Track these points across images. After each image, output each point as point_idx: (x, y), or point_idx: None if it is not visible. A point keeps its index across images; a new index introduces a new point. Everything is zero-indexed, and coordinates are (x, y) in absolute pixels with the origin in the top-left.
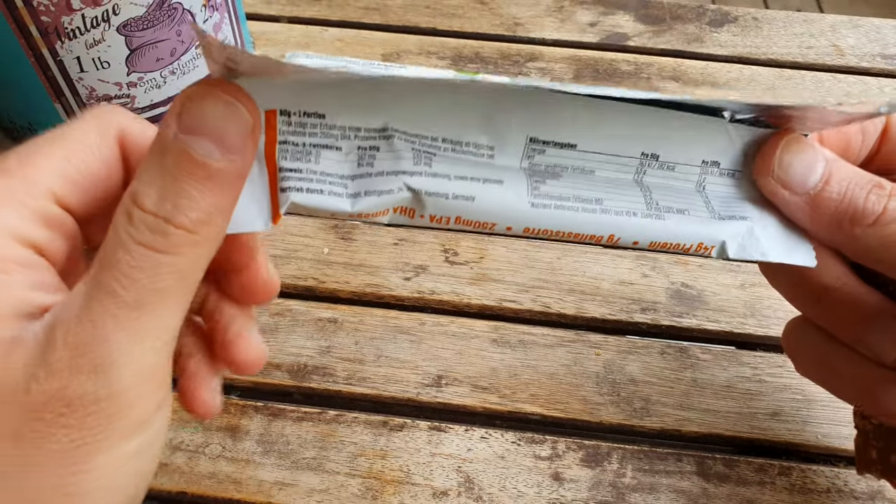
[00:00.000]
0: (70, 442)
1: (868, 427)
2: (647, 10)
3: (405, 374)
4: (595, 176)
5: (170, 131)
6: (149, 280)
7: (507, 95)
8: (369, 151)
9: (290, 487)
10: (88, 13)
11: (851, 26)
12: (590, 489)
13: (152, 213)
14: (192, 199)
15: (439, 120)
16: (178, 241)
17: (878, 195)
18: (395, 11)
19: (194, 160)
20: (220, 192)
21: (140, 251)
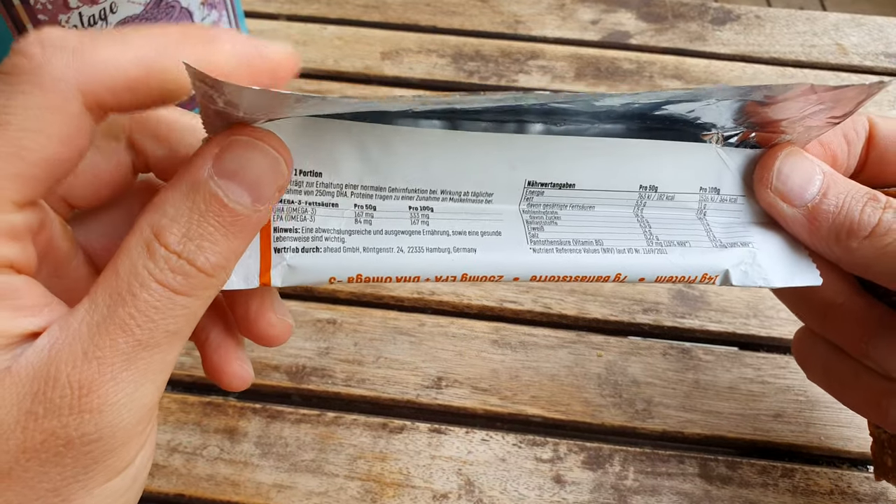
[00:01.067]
0: (61, 480)
1: (883, 436)
2: (650, 7)
3: (405, 375)
4: (595, 212)
5: (204, 171)
6: (164, 321)
7: (505, 144)
8: (366, 210)
9: (289, 490)
10: (86, 11)
11: (854, 25)
12: (591, 492)
13: (175, 253)
14: (215, 243)
15: (436, 171)
16: (196, 283)
17: (873, 207)
18: (394, 9)
19: (225, 205)
20: (239, 238)
21: (159, 290)
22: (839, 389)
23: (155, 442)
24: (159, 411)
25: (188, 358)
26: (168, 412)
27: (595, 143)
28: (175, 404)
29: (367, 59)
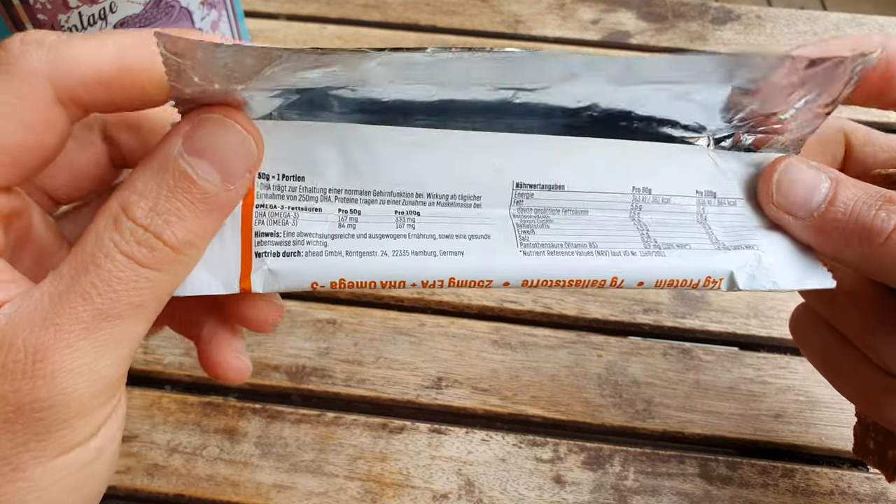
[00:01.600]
0: (11, 448)
1: (869, 420)
2: (650, 7)
3: (405, 375)
4: (588, 216)
5: (174, 148)
6: (126, 292)
7: (489, 143)
8: (350, 214)
9: (289, 490)
10: (85, 11)
11: (855, 24)
12: (592, 492)
13: (142, 226)
14: (183, 219)
15: (422, 174)
16: (162, 257)
17: (888, 211)
18: (394, 9)
19: (194, 181)
20: (209, 217)
21: (123, 261)
22: (835, 376)
23: (123, 419)
24: (158, 411)
25: (188, 358)
26: (168, 412)
27: (582, 142)
28: (175, 404)
29: None
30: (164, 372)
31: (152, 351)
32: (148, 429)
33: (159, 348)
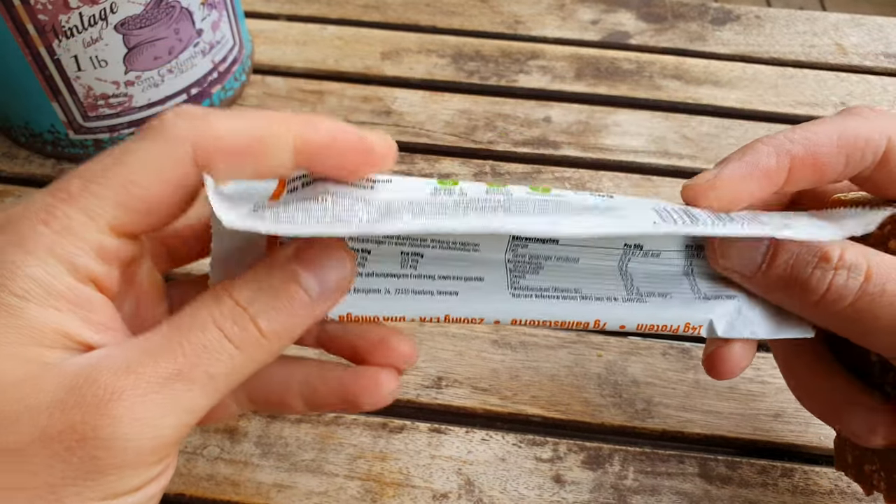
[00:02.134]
0: (62, 478)
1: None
2: (649, 8)
3: (405, 375)
4: (578, 264)
5: (286, 253)
6: (208, 361)
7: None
8: (361, 253)
9: (289, 489)
10: (86, 11)
11: (854, 25)
12: (591, 491)
13: (242, 307)
14: (279, 313)
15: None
16: (249, 339)
17: (823, 270)
18: (394, 9)
19: (298, 284)
20: (299, 320)
21: (214, 333)
22: (801, 391)
23: (166, 484)
24: None
25: None
26: None
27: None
28: None
29: (367, 59)
30: None
31: None
32: None
33: None
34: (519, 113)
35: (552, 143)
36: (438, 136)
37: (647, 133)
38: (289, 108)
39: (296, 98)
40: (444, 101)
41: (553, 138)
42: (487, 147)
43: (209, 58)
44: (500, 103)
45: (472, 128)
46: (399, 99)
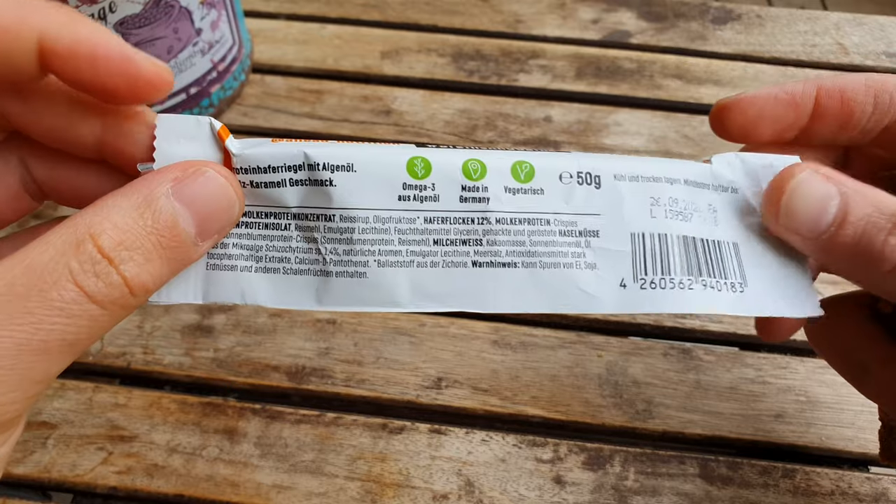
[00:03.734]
0: None
1: (894, 423)
2: (650, 7)
3: (405, 375)
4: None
5: (162, 188)
6: (65, 327)
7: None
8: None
9: (289, 490)
10: (85, 10)
11: (856, 24)
12: (592, 492)
13: (107, 257)
14: (150, 262)
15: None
16: (115, 296)
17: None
18: (394, 8)
19: (174, 227)
20: (170, 267)
21: (73, 293)
22: (858, 375)
23: (7, 455)
24: (158, 411)
25: (187, 358)
26: (167, 412)
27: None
28: (174, 405)
29: (366, 59)
30: (164, 372)
31: (152, 351)
32: (147, 429)
33: (159, 348)
34: (519, 112)
35: (553, 143)
36: (439, 135)
37: (648, 133)
38: (288, 108)
39: (295, 97)
40: (444, 100)
41: (553, 138)
42: (488, 146)
43: (208, 57)
44: (500, 103)
45: (473, 127)
46: (399, 98)
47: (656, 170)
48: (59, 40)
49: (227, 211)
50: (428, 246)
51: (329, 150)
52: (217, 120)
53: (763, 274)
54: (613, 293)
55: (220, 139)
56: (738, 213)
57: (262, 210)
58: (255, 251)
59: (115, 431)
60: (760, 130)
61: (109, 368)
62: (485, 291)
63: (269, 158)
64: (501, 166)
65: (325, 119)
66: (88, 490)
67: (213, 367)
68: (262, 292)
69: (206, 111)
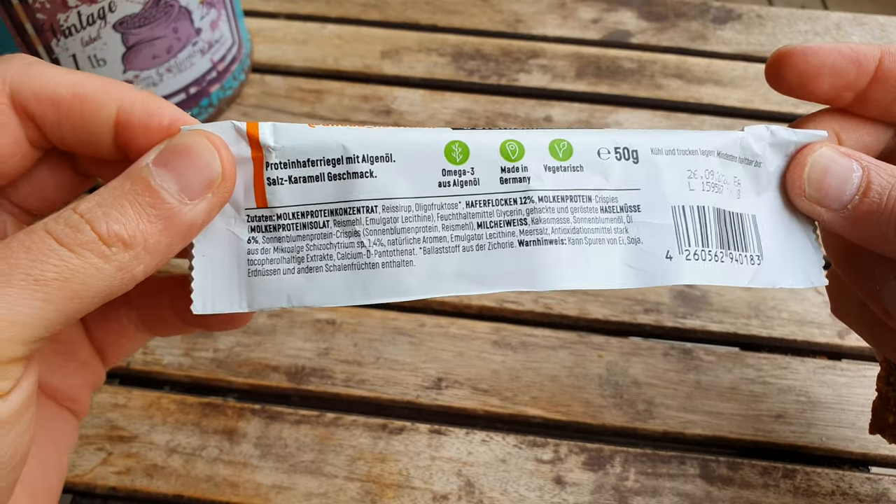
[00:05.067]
0: None
1: (891, 394)
2: (651, 7)
3: (405, 376)
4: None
5: (145, 160)
6: (29, 263)
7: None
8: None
9: (288, 491)
10: (84, 10)
11: (856, 24)
12: (592, 493)
13: (79, 213)
14: (124, 215)
15: None
16: (83, 240)
17: None
18: (394, 8)
19: (149, 185)
20: (157, 225)
21: (41, 235)
22: (871, 328)
23: (29, 427)
24: (157, 412)
25: (187, 359)
26: (167, 413)
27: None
28: (174, 405)
29: (366, 58)
30: (164, 372)
31: (151, 351)
32: (147, 429)
33: (158, 349)
34: (519, 112)
35: None
36: None
37: None
38: (288, 107)
39: (295, 97)
40: (444, 100)
41: None
42: None
43: (208, 57)
44: (500, 102)
45: (473, 127)
46: (399, 98)
47: (691, 142)
48: (132, 112)
49: (208, 164)
50: (472, 230)
51: (367, 138)
52: (241, 122)
53: (776, 247)
54: (660, 266)
55: (249, 138)
56: (757, 187)
57: (298, 210)
58: (296, 252)
59: (115, 432)
60: (819, 82)
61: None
62: (534, 270)
63: (307, 152)
64: (539, 145)
65: (324, 119)
66: (88, 490)
67: (212, 368)
68: (309, 293)
69: (206, 111)
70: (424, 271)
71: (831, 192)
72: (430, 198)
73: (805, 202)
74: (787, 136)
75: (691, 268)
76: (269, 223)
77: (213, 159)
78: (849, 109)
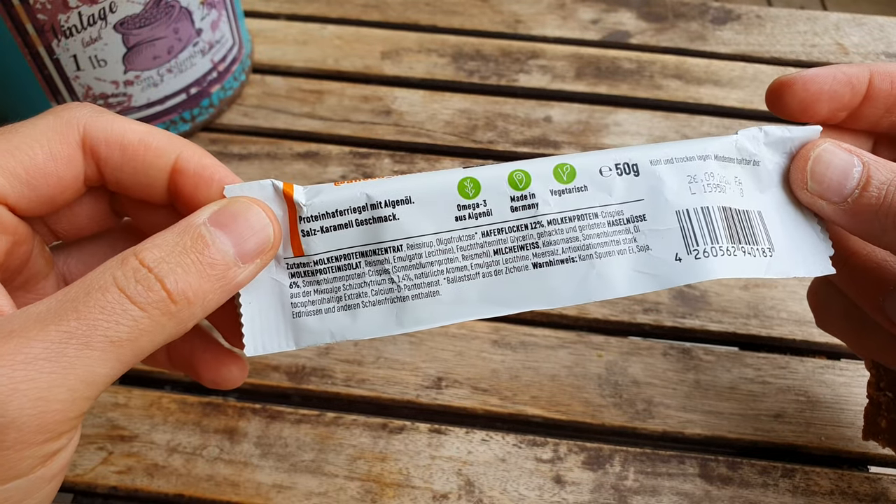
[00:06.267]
0: None
1: (882, 399)
2: (650, 7)
3: (405, 375)
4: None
5: (200, 218)
6: (106, 324)
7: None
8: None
9: (289, 490)
10: (85, 11)
11: (855, 24)
12: (592, 492)
13: (147, 267)
14: (188, 273)
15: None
16: (154, 299)
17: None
18: (394, 8)
19: (208, 245)
20: (212, 283)
21: (115, 294)
22: (855, 334)
23: (65, 468)
24: (158, 411)
25: None
26: (168, 412)
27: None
28: (175, 404)
29: (367, 59)
30: (164, 372)
31: None
32: (148, 429)
33: None
34: (519, 112)
35: (552, 143)
36: (438, 135)
37: (648, 133)
38: (288, 108)
39: (295, 97)
40: (444, 100)
41: (553, 138)
42: (488, 147)
43: (208, 57)
44: (500, 103)
45: (473, 127)
46: (399, 98)
47: (688, 150)
48: (189, 162)
49: (261, 231)
50: (489, 257)
51: (387, 186)
52: (278, 181)
53: (786, 239)
54: (671, 268)
55: (285, 196)
56: (759, 185)
57: (332, 255)
58: (335, 293)
59: (116, 431)
60: (818, 107)
61: None
62: (549, 289)
63: (334, 203)
64: (544, 172)
65: (325, 119)
66: (89, 490)
67: None
68: (350, 328)
69: (207, 111)
70: (451, 299)
71: (832, 186)
72: (448, 232)
73: (807, 195)
74: (780, 133)
75: (703, 265)
76: (308, 269)
77: (267, 226)
78: (840, 125)
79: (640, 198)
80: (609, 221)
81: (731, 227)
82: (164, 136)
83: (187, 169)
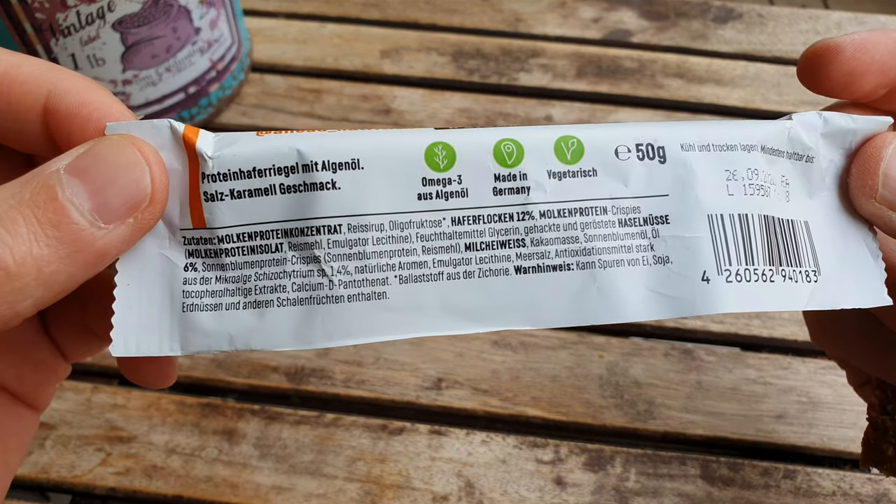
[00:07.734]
0: None
1: (889, 424)
2: (651, 6)
3: (405, 376)
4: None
5: (60, 162)
6: None
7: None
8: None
9: (288, 492)
10: (83, 10)
11: (857, 23)
12: (593, 493)
13: None
14: (14, 235)
15: None
16: None
17: None
18: (394, 7)
19: (54, 197)
20: (58, 252)
21: None
22: (881, 354)
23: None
24: (157, 412)
25: (186, 359)
26: (166, 413)
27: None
28: (173, 405)
29: (366, 58)
30: None
31: None
32: (146, 430)
33: None
34: (520, 111)
35: None
36: None
37: None
38: (287, 107)
39: (294, 96)
40: (444, 99)
41: None
42: None
43: (207, 56)
44: (500, 102)
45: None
46: (399, 97)
47: (730, 135)
48: (63, 99)
49: (132, 180)
50: (459, 252)
51: (328, 142)
52: (179, 122)
53: (835, 258)
54: (694, 291)
55: (186, 143)
56: (809, 187)
57: (243, 231)
58: (243, 283)
59: (114, 432)
60: (865, 80)
61: (108, 369)
62: (534, 303)
63: (252, 159)
64: (542, 145)
65: (324, 118)
66: (87, 491)
67: (211, 368)
68: (256, 334)
69: (205, 110)
70: (401, 304)
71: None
72: (407, 213)
73: (874, 205)
74: (843, 123)
75: (734, 292)
76: (210, 247)
77: (141, 175)
78: (871, 105)
79: (664, 192)
80: (621, 220)
81: (771, 243)
82: (36, 66)
83: (59, 108)
